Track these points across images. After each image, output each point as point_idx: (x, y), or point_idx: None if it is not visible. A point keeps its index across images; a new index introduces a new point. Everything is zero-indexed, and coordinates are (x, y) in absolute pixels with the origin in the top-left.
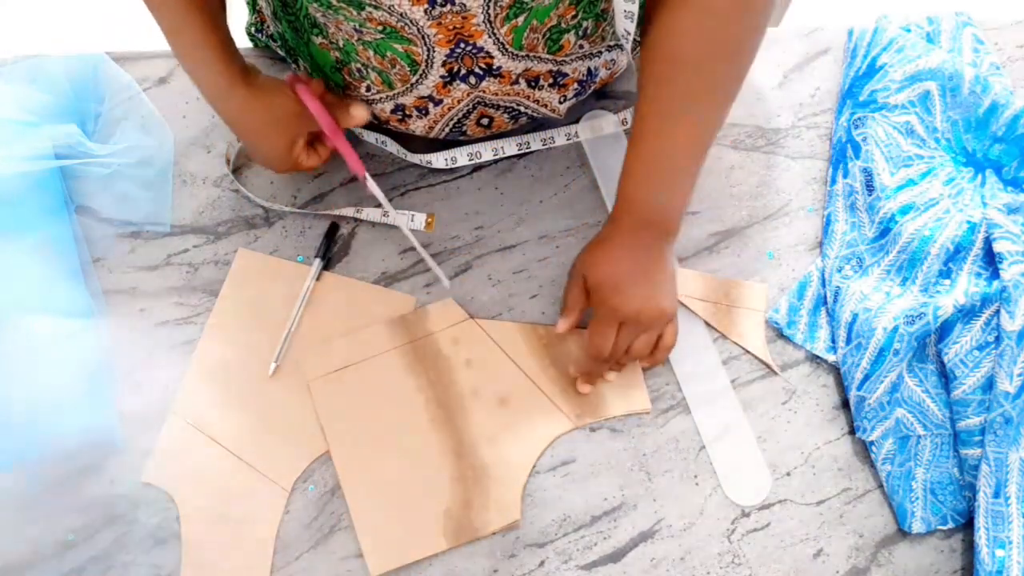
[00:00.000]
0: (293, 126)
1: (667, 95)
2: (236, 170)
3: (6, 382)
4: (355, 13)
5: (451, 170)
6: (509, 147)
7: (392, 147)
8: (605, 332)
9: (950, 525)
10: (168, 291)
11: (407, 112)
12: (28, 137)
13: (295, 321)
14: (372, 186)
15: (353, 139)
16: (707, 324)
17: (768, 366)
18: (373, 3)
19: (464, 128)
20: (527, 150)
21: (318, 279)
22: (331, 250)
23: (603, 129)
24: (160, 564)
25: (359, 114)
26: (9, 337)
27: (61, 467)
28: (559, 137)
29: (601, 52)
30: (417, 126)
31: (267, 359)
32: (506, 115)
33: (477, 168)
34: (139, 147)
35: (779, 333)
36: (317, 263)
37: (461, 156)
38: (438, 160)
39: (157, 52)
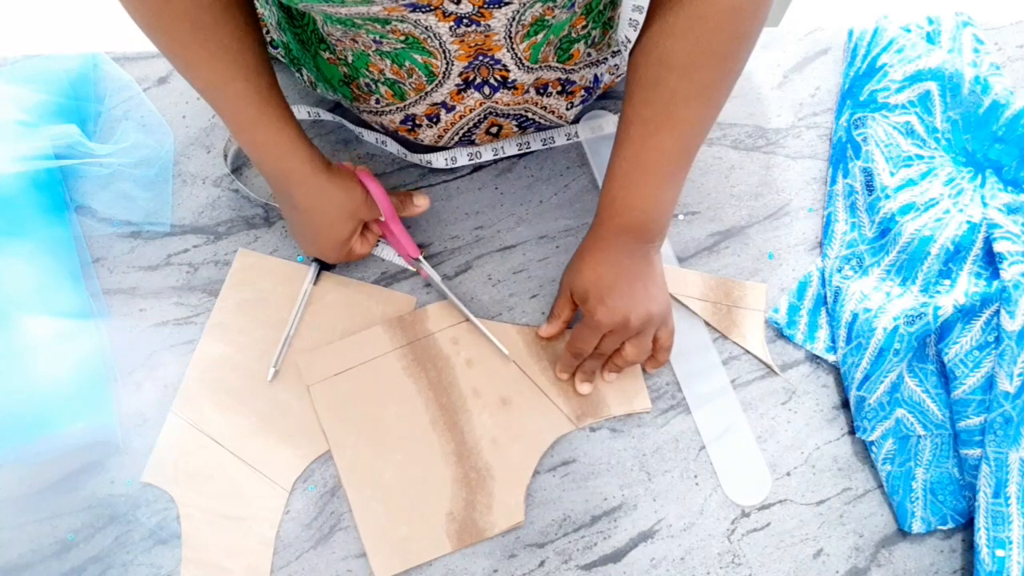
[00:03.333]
0: (361, 212)
1: (654, 99)
2: (235, 169)
3: (6, 382)
4: (379, 27)
5: (451, 170)
6: (509, 147)
7: (392, 147)
8: (587, 337)
9: (950, 525)
10: (168, 291)
11: (417, 122)
12: (28, 137)
13: (293, 325)
14: (427, 268)
15: (353, 139)
16: (707, 324)
17: (768, 366)
18: (399, 18)
19: (473, 137)
20: (527, 150)
21: (316, 281)
22: None
23: (603, 129)
24: (160, 564)
25: (422, 203)
26: (9, 337)
27: (61, 467)
28: (559, 137)
29: (607, 59)
30: (427, 135)
31: (267, 359)
32: (515, 123)
33: (477, 168)
34: (139, 147)
35: (779, 333)
36: (314, 266)
37: (461, 156)
38: (438, 160)
39: (157, 52)
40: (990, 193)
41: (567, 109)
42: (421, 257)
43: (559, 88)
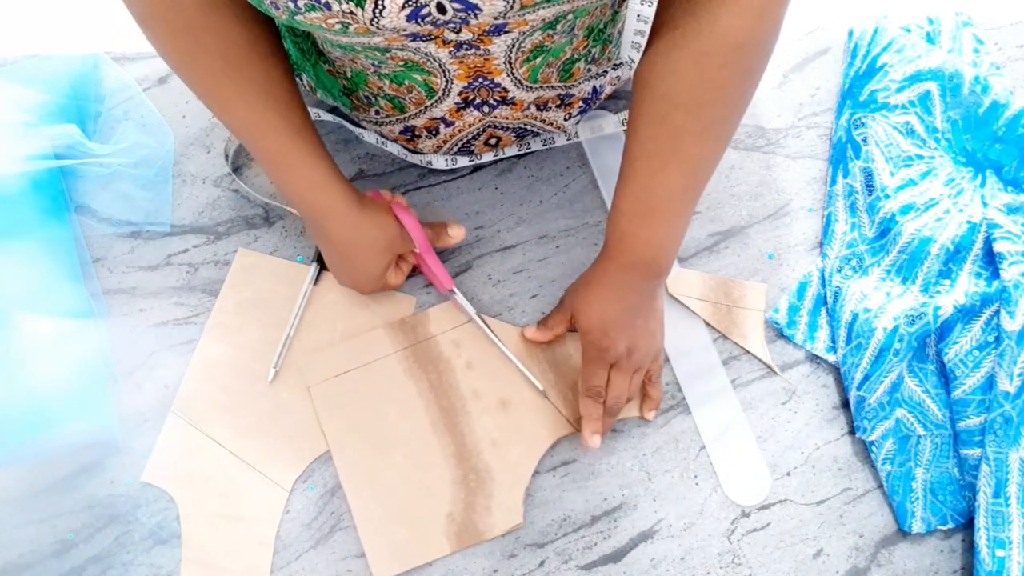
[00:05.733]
0: (396, 245)
1: (659, 136)
2: (236, 169)
3: (6, 382)
4: (378, 55)
5: (451, 170)
6: (509, 148)
7: (392, 147)
8: (597, 372)
9: (950, 525)
10: (168, 291)
11: (416, 133)
12: (28, 137)
13: (293, 326)
14: (462, 300)
15: (353, 139)
16: (707, 324)
17: (768, 366)
18: (399, 46)
19: (472, 148)
20: (527, 150)
21: (316, 282)
22: None
23: (603, 129)
24: (160, 564)
25: (457, 234)
26: (9, 337)
27: (61, 467)
28: (559, 137)
29: (607, 71)
30: (426, 145)
31: (267, 359)
32: (514, 135)
33: (477, 168)
34: (139, 147)
35: (779, 333)
36: (314, 267)
37: (461, 157)
38: (438, 161)
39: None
40: (990, 193)
41: (565, 119)
42: (455, 288)
43: (558, 102)
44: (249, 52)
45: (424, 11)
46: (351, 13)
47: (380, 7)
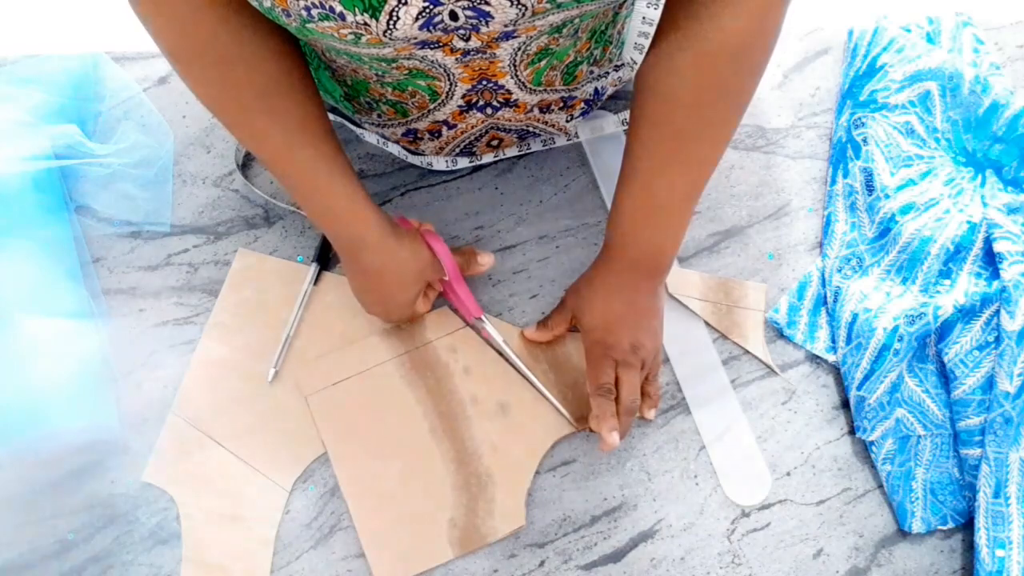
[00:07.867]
0: (428, 274)
1: (661, 136)
2: (241, 167)
3: (6, 382)
4: (384, 65)
5: (451, 170)
6: (510, 148)
7: (393, 148)
8: (604, 370)
9: (950, 525)
10: (168, 291)
11: (419, 135)
12: (28, 137)
13: (293, 327)
14: (489, 328)
15: (354, 139)
16: (707, 324)
17: (768, 366)
18: (406, 55)
19: (475, 149)
20: (527, 151)
21: (316, 282)
22: (328, 253)
23: (603, 129)
24: (160, 564)
25: (487, 261)
26: (9, 337)
27: (61, 467)
28: (559, 137)
29: (608, 73)
30: (428, 147)
31: (267, 359)
32: (516, 136)
33: (477, 168)
34: (139, 147)
35: (779, 333)
36: (313, 268)
37: (462, 158)
38: (439, 161)
39: (157, 52)
40: (990, 193)
41: (567, 121)
42: (483, 316)
43: (561, 104)
44: (283, 84)
45: (437, 19)
46: (365, 24)
47: (394, 19)
